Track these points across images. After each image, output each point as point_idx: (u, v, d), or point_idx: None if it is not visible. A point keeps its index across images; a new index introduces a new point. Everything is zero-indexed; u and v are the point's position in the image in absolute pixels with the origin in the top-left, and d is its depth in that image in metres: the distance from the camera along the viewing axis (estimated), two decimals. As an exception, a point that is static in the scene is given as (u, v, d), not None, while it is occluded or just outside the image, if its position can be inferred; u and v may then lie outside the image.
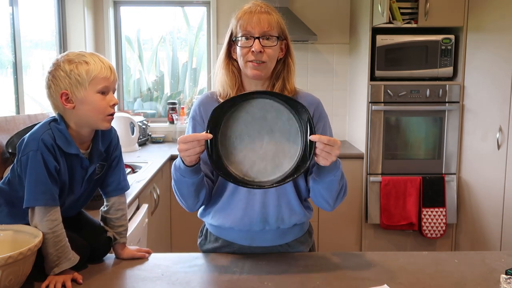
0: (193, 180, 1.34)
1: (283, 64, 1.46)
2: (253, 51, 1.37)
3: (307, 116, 1.25)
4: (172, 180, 1.40)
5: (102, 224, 1.46)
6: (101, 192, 1.47)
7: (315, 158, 1.27)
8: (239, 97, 1.28)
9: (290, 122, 1.29)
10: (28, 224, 1.26)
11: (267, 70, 1.42)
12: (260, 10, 1.39)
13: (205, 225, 1.59)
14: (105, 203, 1.46)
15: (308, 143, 1.25)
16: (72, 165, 1.31)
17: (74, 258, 1.28)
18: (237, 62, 1.44)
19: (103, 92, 1.28)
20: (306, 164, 1.25)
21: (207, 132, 1.25)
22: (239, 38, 1.39)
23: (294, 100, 1.27)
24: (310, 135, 1.24)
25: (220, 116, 1.27)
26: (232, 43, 1.44)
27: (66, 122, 1.30)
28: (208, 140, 1.25)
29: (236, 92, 1.45)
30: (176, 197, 1.44)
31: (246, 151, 1.29)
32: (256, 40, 1.37)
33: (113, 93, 1.32)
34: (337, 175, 1.34)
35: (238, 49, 1.41)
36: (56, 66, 1.27)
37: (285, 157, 1.29)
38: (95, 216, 1.51)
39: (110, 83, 1.29)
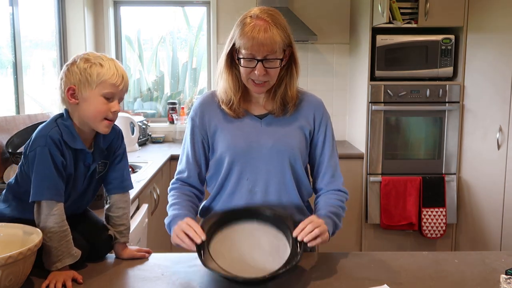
0: None
1: (286, 70, 1.44)
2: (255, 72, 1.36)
3: (292, 223, 1.31)
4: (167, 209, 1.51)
5: (105, 222, 1.47)
6: (104, 190, 1.49)
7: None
8: (226, 215, 1.34)
9: (278, 237, 1.32)
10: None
11: (269, 86, 1.43)
12: (265, 29, 1.32)
13: (204, 224, 1.59)
14: (108, 201, 1.48)
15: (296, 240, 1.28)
16: (77, 160, 1.33)
17: (77, 254, 1.30)
18: (239, 66, 1.41)
19: (108, 98, 1.30)
20: (296, 259, 1.24)
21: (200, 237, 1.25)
22: (242, 58, 1.37)
23: (278, 216, 1.34)
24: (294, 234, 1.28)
25: (209, 229, 1.29)
26: (234, 52, 1.40)
27: (71, 118, 1.33)
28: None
29: (240, 98, 1.44)
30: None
31: (236, 261, 1.28)
32: (259, 64, 1.35)
33: (120, 102, 1.35)
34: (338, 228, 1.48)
35: (241, 67, 1.39)
36: (73, 62, 1.31)
37: (275, 262, 1.26)
38: (100, 215, 1.52)
39: (117, 91, 1.31)
